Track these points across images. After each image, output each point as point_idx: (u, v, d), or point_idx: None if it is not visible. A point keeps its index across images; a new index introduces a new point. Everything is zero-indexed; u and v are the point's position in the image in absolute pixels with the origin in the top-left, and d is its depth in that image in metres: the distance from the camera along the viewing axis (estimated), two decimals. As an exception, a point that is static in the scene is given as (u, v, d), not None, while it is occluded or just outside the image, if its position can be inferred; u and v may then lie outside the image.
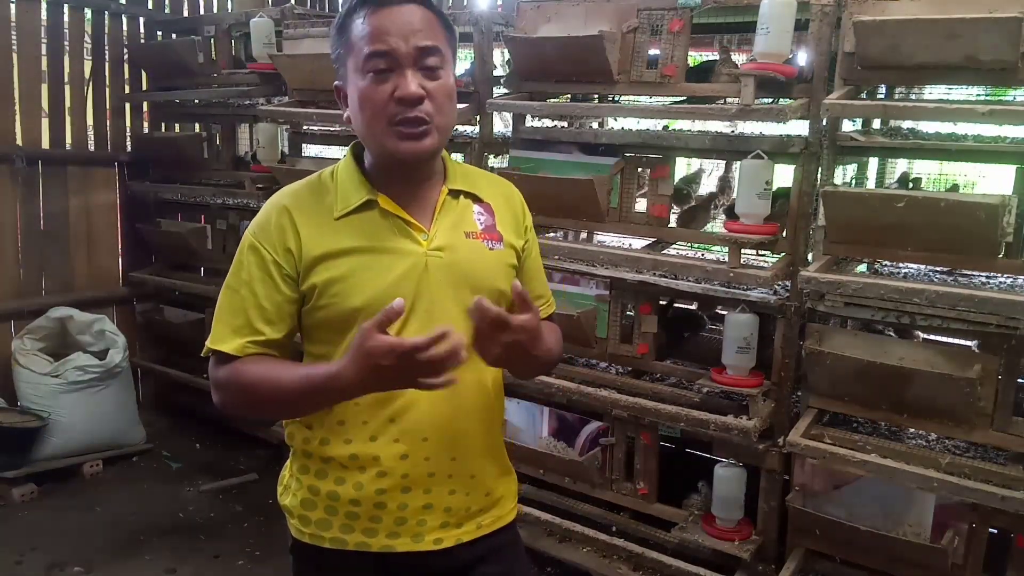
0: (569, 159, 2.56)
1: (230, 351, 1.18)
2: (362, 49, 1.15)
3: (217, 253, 3.80)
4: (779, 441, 2.23)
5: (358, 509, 1.22)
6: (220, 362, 1.21)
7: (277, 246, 1.19)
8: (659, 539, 2.48)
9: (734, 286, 2.27)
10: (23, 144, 3.68)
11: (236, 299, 1.21)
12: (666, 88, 2.32)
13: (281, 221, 1.20)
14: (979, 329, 1.93)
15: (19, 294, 3.71)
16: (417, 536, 1.23)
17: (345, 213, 1.21)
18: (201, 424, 3.96)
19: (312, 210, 1.21)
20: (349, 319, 1.18)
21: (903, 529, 2.09)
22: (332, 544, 1.24)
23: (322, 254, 1.18)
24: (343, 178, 1.24)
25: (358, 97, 1.17)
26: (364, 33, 1.15)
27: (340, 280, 1.18)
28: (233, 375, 1.19)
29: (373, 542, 1.23)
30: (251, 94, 3.42)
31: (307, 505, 1.25)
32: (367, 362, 1.03)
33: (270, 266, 1.19)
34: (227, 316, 1.21)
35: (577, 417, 2.76)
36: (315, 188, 1.25)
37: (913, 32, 1.85)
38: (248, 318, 1.19)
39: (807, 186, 2.16)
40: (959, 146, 2.06)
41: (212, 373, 1.22)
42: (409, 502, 1.22)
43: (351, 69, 1.18)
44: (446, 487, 1.24)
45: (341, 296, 1.18)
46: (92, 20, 3.97)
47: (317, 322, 1.21)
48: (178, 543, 2.93)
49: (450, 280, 1.22)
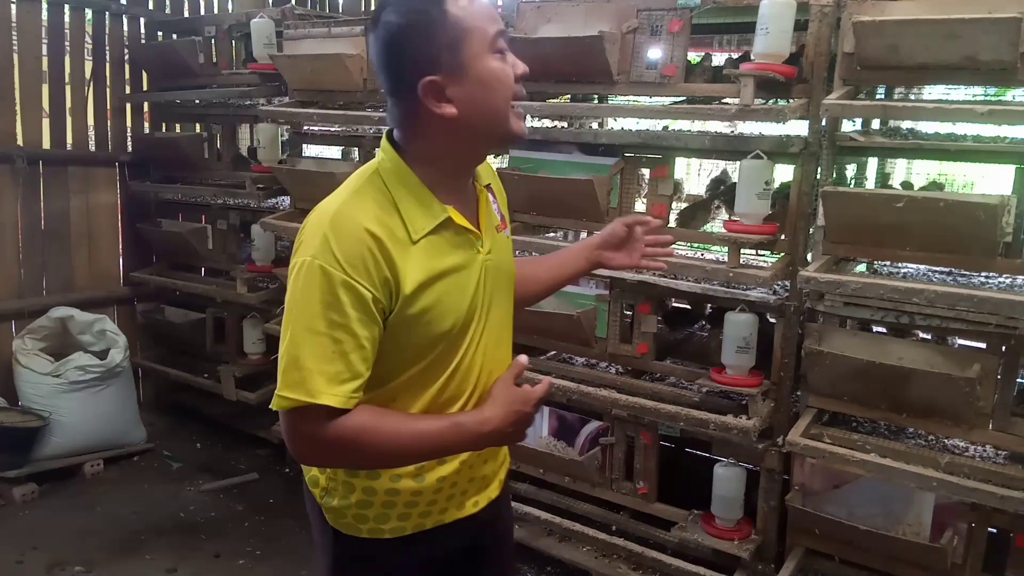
0: (569, 159, 2.56)
1: (338, 404, 1.08)
2: (486, 29, 1.11)
3: (217, 253, 3.80)
4: (779, 441, 2.23)
5: (418, 498, 1.26)
6: (318, 417, 1.09)
7: (376, 279, 1.09)
8: (659, 538, 2.48)
9: (734, 286, 2.27)
10: (24, 144, 3.68)
11: (329, 345, 1.08)
12: (666, 88, 2.33)
13: (372, 250, 1.09)
14: (979, 329, 1.93)
15: (20, 294, 3.72)
16: (460, 505, 1.32)
17: (425, 235, 1.15)
18: (201, 424, 3.97)
19: (393, 235, 1.12)
20: (436, 343, 1.18)
21: (902, 528, 2.09)
22: (391, 534, 1.27)
23: (417, 284, 1.12)
24: (402, 193, 1.15)
25: (490, 78, 1.12)
26: (481, 13, 1.12)
27: (432, 308, 1.15)
28: (359, 430, 1.10)
29: (428, 521, 1.29)
30: (251, 94, 3.43)
31: (363, 505, 1.26)
32: (514, 408, 1.17)
33: (370, 304, 1.09)
34: (322, 364, 1.07)
35: (577, 417, 2.76)
36: (381, 205, 1.14)
37: (912, 32, 1.86)
38: (349, 363, 1.09)
39: (807, 186, 2.17)
40: (958, 146, 2.06)
41: (302, 428, 1.11)
42: (458, 480, 1.30)
43: (472, 53, 1.11)
44: (481, 458, 1.33)
45: (434, 323, 1.15)
46: (93, 20, 3.97)
47: (396, 348, 1.16)
48: (178, 543, 2.93)
49: (498, 280, 1.27)
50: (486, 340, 1.26)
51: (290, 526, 3.07)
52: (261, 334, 3.57)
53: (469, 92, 1.12)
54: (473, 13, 1.11)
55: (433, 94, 1.11)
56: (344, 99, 3.05)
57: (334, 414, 1.09)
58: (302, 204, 3.28)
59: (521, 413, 1.18)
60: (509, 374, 1.20)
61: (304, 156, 3.57)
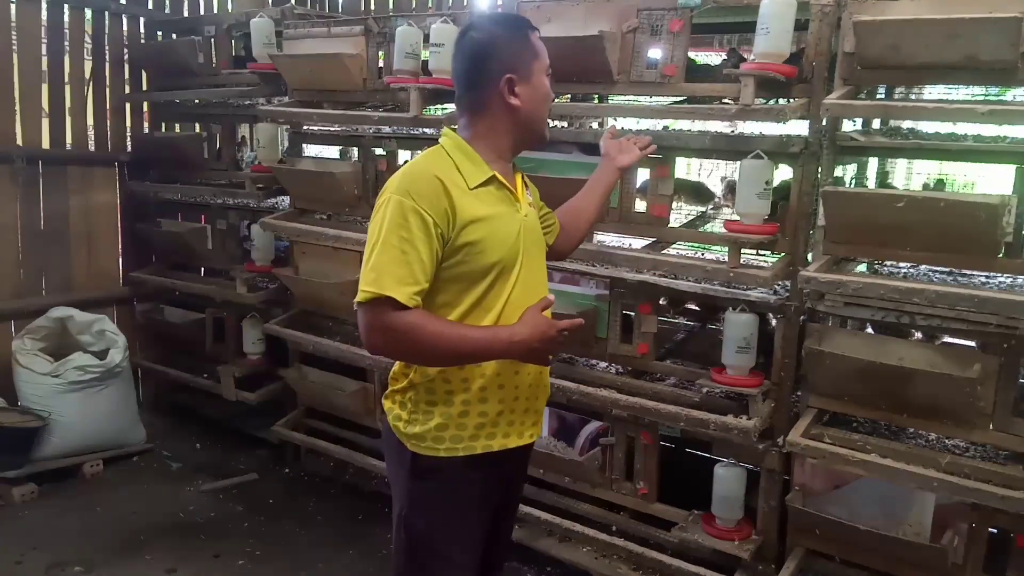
0: (569, 159, 2.56)
1: (402, 299, 1.41)
2: (544, 59, 1.59)
3: (217, 253, 3.80)
4: (779, 441, 2.23)
5: (484, 420, 1.57)
6: (386, 308, 1.41)
7: (437, 208, 1.44)
8: (659, 539, 2.48)
9: (734, 286, 2.27)
10: (23, 144, 3.68)
11: (398, 254, 1.42)
12: (666, 88, 2.32)
13: (436, 188, 1.45)
14: (979, 329, 1.93)
15: (19, 294, 3.71)
16: (520, 433, 1.63)
17: (477, 185, 1.51)
18: (201, 424, 3.96)
19: (453, 181, 1.48)
20: (485, 272, 1.50)
21: (903, 529, 2.09)
22: (465, 452, 1.56)
23: (470, 218, 1.47)
24: (460, 157, 1.53)
25: (543, 89, 1.59)
26: (543, 47, 1.60)
27: (482, 240, 1.48)
28: (414, 324, 1.42)
29: (495, 443, 1.58)
30: (251, 94, 3.42)
31: (440, 428, 1.54)
32: (540, 330, 1.48)
33: (431, 228, 1.43)
34: (392, 268, 1.41)
35: (577, 417, 2.76)
36: (446, 163, 1.52)
37: (913, 32, 1.86)
38: (412, 271, 1.42)
39: (807, 186, 2.16)
40: (959, 146, 2.06)
41: (373, 318, 1.43)
42: (516, 408, 1.61)
43: (536, 70, 1.57)
44: (535, 392, 1.65)
45: (484, 253, 1.49)
46: (92, 20, 3.97)
47: (457, 275, 1.49)
48: (178, 543, 2.93)
49: (532, 238, 1.62)
50: (527, 287, 1.56)
51: (290, 526, 3.07)
52: (260, 334, 3.56)
53: (530, 94, 1.56)
54: (541, 45, 1.60)
55: (509, 88, 1.54)
56: (344, 98, 3.05)
57: (399, 308, 1.41)
58: (302, 204, 3.28)
59: (546, 335, 1.49)
60: (537, 305, 1.53)
61: (304, 156, 3.57)
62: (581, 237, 1.95)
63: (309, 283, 3.16)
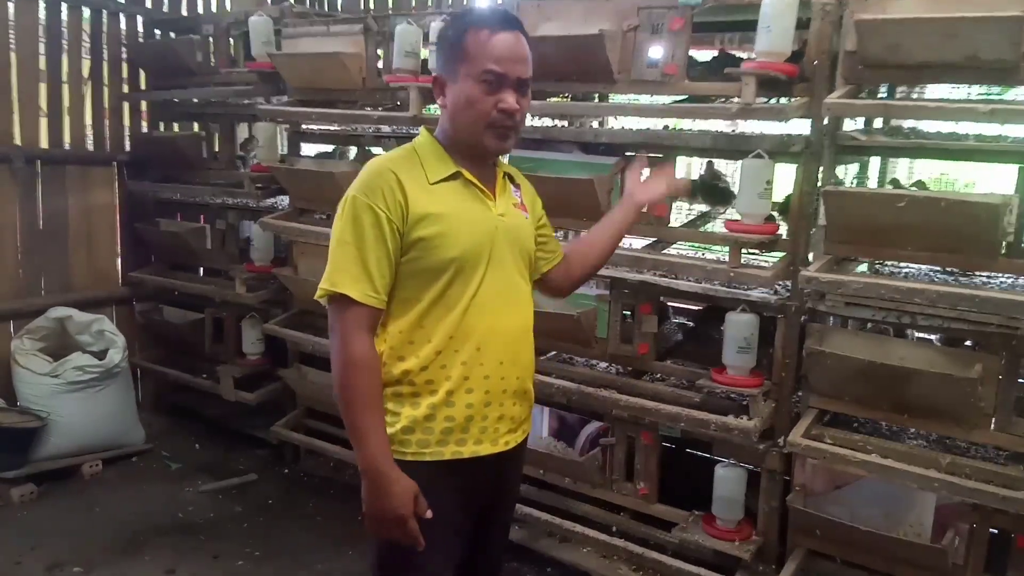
0: (569, 159, 2.55)
1: (356, 296, 1.42)
2: (481, 63, 1.44)
3: (216, 253, 3.79)
4: (780, 441, 2.22)
5: (452, 425, 1.50)
6: (346, 305, 1.43)
7: (390, 203, 1.43)
8: (659, 539, 2.47)
9: (734, 286, 2.26)
10: (21, 144, 3.67)
11: (353, 252, 1.43)
12: (667, 87, 2.32)
13: (389, 181, 1.44)
14: (980, 329, 1.93)
15: (18, 294, 3.70)
16: (495, 440, 1.56)
17: (438, 180, 1.49)
18: (201, 424, 3.96)
19: (410, 174, 1.47)
20: (444, 267, 1.46)
21: (904, 529, 2.08)
22: (432, 457, 1.50)
23: (425, 212, 1.45)
24: (427, 153, 1.52)
25: (466, 99, 1.46)
26: (483, 52, 1.43)
27: (440, 235, 1.45)
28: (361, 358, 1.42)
29: (465, 450, 1.52)
30: (250, 93, 3.41)
31: (406, 431, 1.49)
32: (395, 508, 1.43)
33: (384, 223, 1.43)
34: (347, 265, 1.43)
35: (577, 417, 2.76)
36: (407, 158, 1.51)
37: (914, 31, 1.85)
38: (366, 268, 1.43)
39: (808, 186, 2.16)
40: (961, 145, 2.06)
41: (334, 317, 1.45)
42: (488, 414, 1.53)
43: (462, 72, 1.45)
44: (509, 397, 1.57)
45: (440, 249, 1.45)
46: (90, 19, 3.95)
47: (415, 271, 1.46)
48: (178, 543, 2.92)
49: (508, 239, 1.54)
50: (495, 288, 1.51)
51: (289, 527, 3.06)
52: (260, 334, 3.56)
53: (453, 97, 1.49)
54: (481, 48, 1.44)
55: (439, 88, 1.52)
56: (343, 97, 3.04)
57: (354, 306, 1.42)
58: (301, 203, 3.27)
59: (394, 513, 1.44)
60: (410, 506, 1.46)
61: (303, 156, 3.56)
62: (585, 275, 1.82)
63: (309, 283, 3.15)
